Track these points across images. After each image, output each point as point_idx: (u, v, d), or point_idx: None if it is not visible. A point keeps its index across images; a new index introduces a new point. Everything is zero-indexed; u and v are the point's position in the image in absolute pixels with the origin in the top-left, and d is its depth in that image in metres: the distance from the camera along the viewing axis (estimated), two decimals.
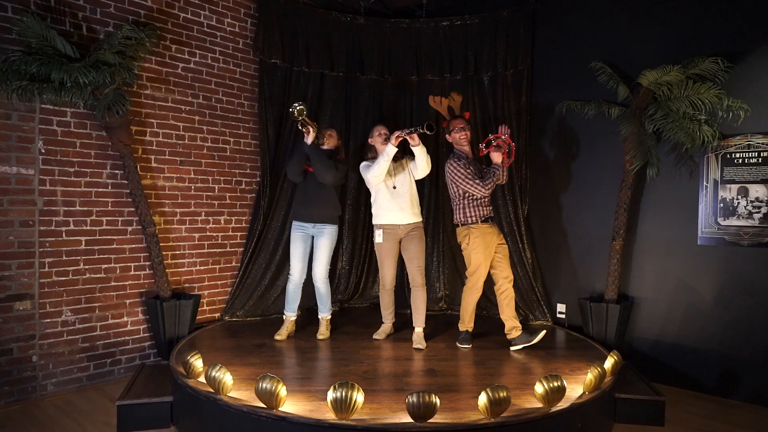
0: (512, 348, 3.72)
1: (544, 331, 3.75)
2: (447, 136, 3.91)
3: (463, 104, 4.20)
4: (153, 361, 4.03)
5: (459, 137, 3.81)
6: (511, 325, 3.75)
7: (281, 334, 3.95)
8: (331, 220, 3.98)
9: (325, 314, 4.07)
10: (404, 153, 3.87)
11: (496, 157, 3.72)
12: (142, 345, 4.03)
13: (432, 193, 5.00)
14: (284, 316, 4.05)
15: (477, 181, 3.67)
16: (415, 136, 3.56)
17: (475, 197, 3.73)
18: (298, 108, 3.58)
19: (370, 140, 3.97)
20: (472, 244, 3.73)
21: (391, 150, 3.66)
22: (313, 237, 4.00)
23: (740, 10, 3.68)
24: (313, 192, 3.92)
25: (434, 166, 4.86)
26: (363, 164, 3.93)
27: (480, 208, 3.75)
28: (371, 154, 3.96)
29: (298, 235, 4.00)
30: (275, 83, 4.65)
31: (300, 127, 3.75)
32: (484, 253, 3.71)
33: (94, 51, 3.48)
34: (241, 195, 4.68)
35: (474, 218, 3.74)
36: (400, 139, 3.61)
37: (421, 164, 3.74)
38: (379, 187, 3.87)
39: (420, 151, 3.67)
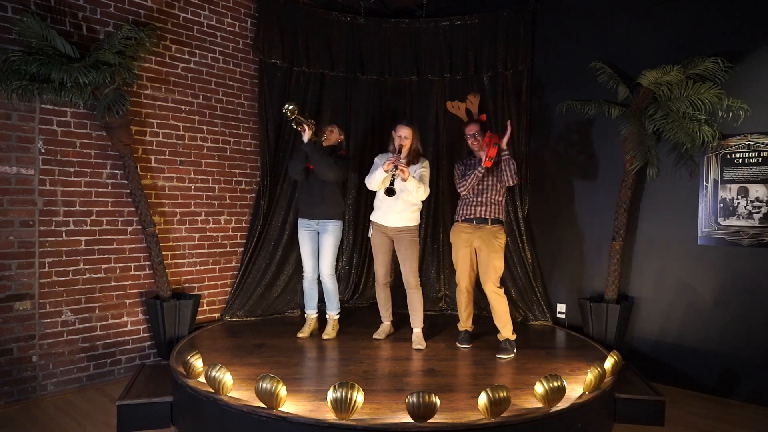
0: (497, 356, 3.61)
1: (512, 355, 3.61)
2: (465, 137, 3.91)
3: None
4: (153, 361, 4.03)
5: (471, 144, 3.83)
6: (500, 333, 3.71)
7: (304, 332, 4.00)
8: (335, 216, 3.98)
9: (332, 312, 4.05)
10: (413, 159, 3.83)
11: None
12: (142, 345, 4.03)
13: (432, 193, 4.97)
14: (305, 315, 4.13)
15: (458, 181, 3.80)
16: (405, 169, 3.53)
17: (462, 196, 3.83)
18: (290, 108, 3.58)
19: (393, 133, 3.80)
20: (451, 241, 3.88)
21: (381, 174, 3.64)
22: (318, 233, 4.01)
23: (740, 10, 3.68)
24: (316, 190, 3.93)
25: (435, 167, 4.87)
26: (377, 158, 3.87)
27: (463, 207, 3.81)
28: (391, 147, 3.85)
29: (305, 233, 4.01)
30: (275, 83, 4.65)
31: (295, 126, 3.74)
32: (459, 252, 3.80)
33: (94, 51, 3.47)
34: (241, 195, 4.68)
35: (456, 217, 3.87)
36: (391, 166, 3.56)
37: (412, 193, 3.69)
38: None
39: (408, 184, 3.62)
